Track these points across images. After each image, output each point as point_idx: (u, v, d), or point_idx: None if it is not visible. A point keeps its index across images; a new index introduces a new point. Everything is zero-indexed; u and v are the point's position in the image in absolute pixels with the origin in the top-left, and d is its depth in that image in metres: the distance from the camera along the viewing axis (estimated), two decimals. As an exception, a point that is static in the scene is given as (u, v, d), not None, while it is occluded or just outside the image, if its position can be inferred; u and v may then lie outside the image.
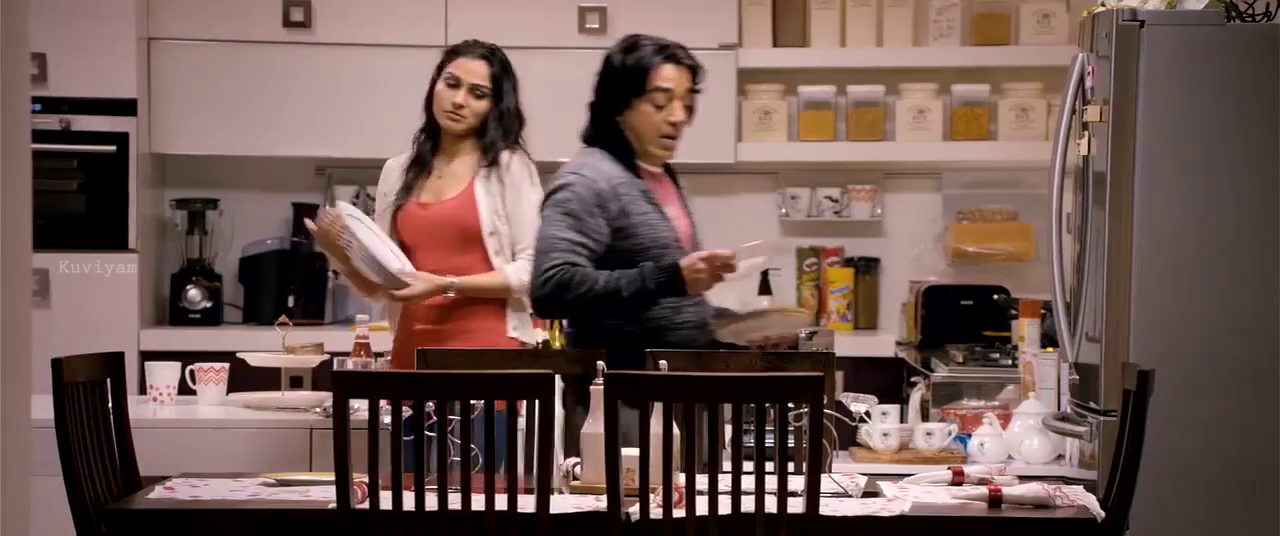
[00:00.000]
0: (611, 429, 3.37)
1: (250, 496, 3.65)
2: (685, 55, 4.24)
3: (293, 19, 6.46)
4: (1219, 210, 4.48)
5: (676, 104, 4.19)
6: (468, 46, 4.77)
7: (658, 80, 4.18)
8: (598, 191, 4.14)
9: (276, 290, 6.56)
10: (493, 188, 4.66)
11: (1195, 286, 4.48)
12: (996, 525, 3.49)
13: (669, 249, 4.13)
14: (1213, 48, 4.47)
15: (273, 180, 6.69)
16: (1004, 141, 6.48)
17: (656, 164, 4.27)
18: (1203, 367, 4.46)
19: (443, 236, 4.66)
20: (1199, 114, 4.47)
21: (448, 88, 4.72)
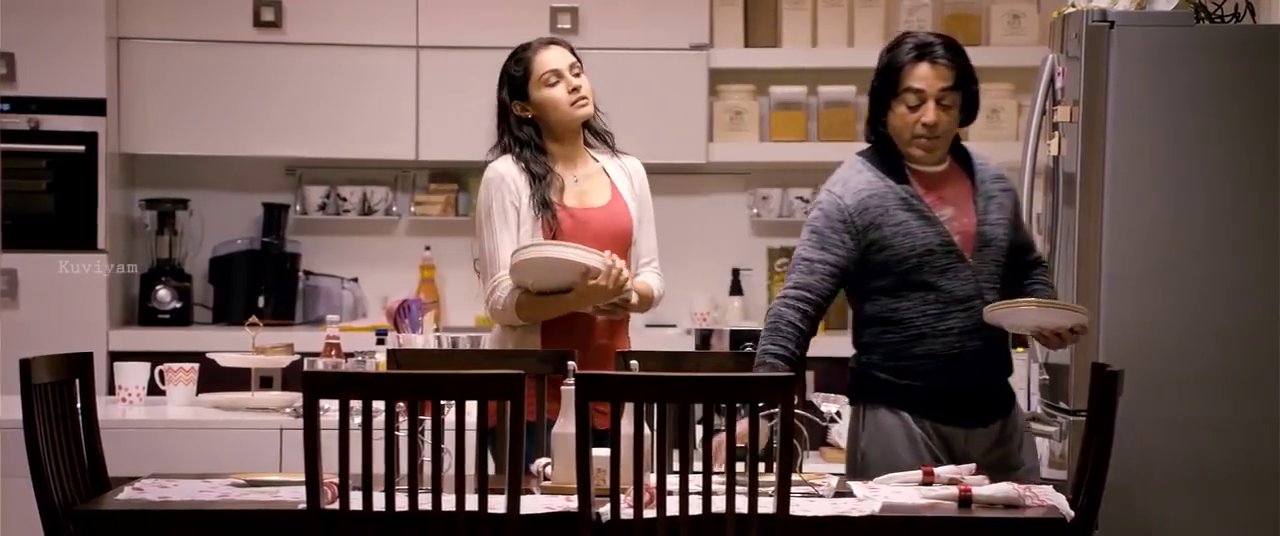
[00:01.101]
0: (582, 429, 3.36)
1: (220, 497, 3.64)
2: (945, 54, 3.96)
3: (263, 19, 6.45)
4: (1189, 210, 4.49)
5: (929, 105, 3.93)
6: (534, 45, 4.36)
7: (910, 80, 3.93)
8: (844, 208, 3.95)
9: (246, 290, 6.54)
10: (634, 193, 4.33)
11: (1165, 287, 4.49)
12: (966, 525, 3.50)
13: (933, 255, 3.91)
14: (1182, 49, 4.49)
15: (243, 180, 6.67)
16: (975, 141, 6.45)
17: (926, 165, 3.99)
18: (1172, 368, 4.47)
19: (604, 244, 4.18)
20: (1168, 114, 4.48)
21: (553, 86, 4.29)
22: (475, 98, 6.48)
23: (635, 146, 6.61)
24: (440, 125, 6.48)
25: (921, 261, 3.90)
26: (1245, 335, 4.47)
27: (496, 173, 4.27)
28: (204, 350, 5.20)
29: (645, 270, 4.33)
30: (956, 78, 3.96)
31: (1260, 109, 4.47)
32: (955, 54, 3.96)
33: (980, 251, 3.95)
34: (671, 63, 6.43)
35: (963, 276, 3.92)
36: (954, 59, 3.95)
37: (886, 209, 3.93)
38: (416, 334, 4.87)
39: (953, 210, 3.96)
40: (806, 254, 3.97)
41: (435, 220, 6.69)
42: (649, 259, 4.35)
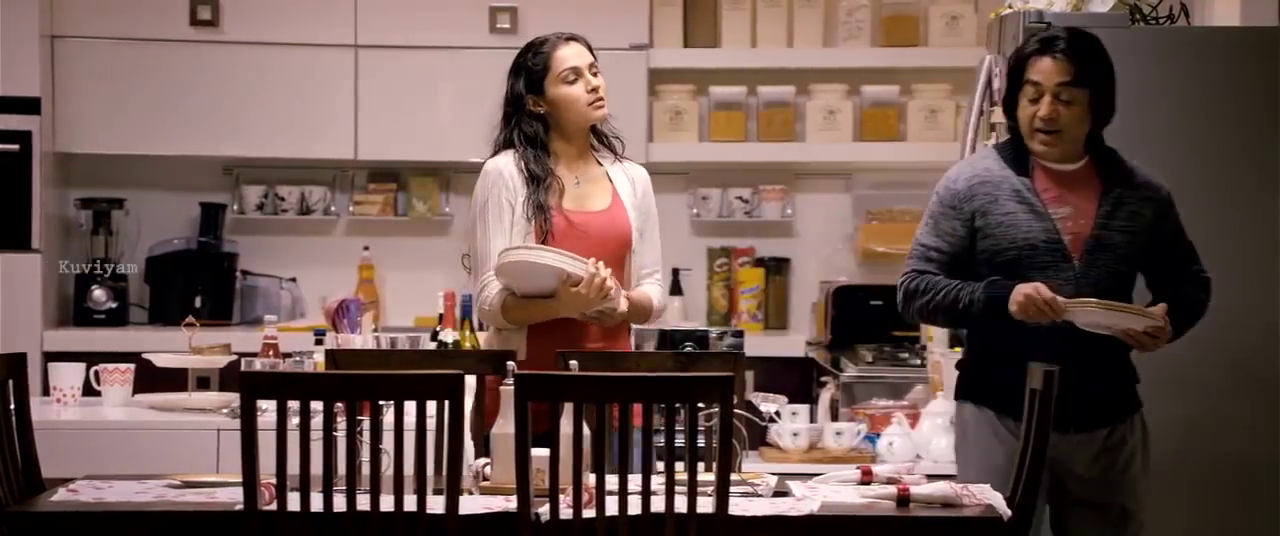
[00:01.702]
0: (521, 429, 3.36)
1: (155, 498, 3.61)
2: (1067, 49, 3.84)
3: (200, 17, 6.41)
4: (1124, 211, 4.52)
5: (1046, 99, 3.82)
6: (550, 40, 4.28)
7: (1030, 72, 3.84)
8: (954, 192, 3.92)
9: (183, 290, 6.50)
10: (635, 202, 4.23)
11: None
12: (904, 524, 3.51)
13: (1036, 251, 3.83)
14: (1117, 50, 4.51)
15: (179, 179, 6.63)
16: (913, 142, 6.53)
17: (1053, 161, 3.90)
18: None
19: (600, 251, 4.09)
20: (1104, 115, 4.51)
21: (571, 83, 4.20)
22: (415, 97, 6.51)
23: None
24: (379, 125, 6.46)
25: (1021, 255, 3.84)
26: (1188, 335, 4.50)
27: (495, 168, 4.19)
28: (140, 350, 5.17)
29: (647, 281, 4.23)
30: (1077, 74, 3.82)
31: (1196, 110, 4.51)
32: (1081, 50, 3.84)
33: (1091, 254, 3.85)
34: (611, 63, 6.34)
35: (1064, 276, 3.83)
36: (1077, 54, 3.82)
37: (996, 197, 3.87)
38: (355, 334, 4.85)
39: (1071, 210, 3.87)
40: (923, 239, 3.96)
41: (374, 220, 6.67)
42: (651, 270, 4.24)
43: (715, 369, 3.89)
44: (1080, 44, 3.84)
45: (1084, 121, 3.85)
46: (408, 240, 6.71)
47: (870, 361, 5.66)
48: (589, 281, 3.98)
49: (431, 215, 6.67)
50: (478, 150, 6.60)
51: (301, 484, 3.36)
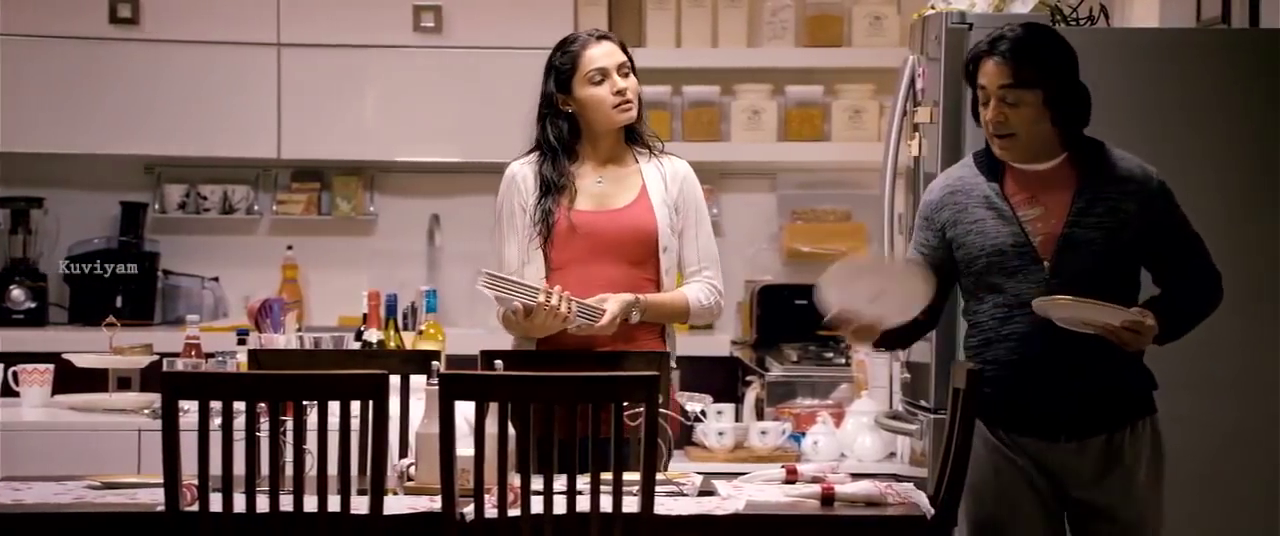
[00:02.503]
0: (446, 428, 3.35)
1: (75, 499, 3.58)
2: (1008, 49, 3.63)
3: (120, 15, 6.36)
4: (1046, 210, 4.55)
5: (992, 102, 3.64)
6: (579, 39, 4.21)
7: (979, 76, 3.68)
8: (928, 203, 3.78)
9: (104, 290, 6.44)
10: (668, 198, 4.16)
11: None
12: (829, 523, 3.52)
13: (1005, 256, 3.65)
14: (1039, 51, 4.55)
15: (100, 178, 6.58)
16: (837, 142, 6.55)
17: (1019, 163, 3.70)
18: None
19: (615, 249, 4.10)
20: (1026, 116, 4.54)
21: (598, 84, 4.13)
22: (338, 96, 6.48)
23: (496, 146, 6.60)
24: (302, 124, 6.43)
25: (990, 262, 3.68)
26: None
27: (511, 173, 4.18)
28: (60, 351, 5.12)
29: (693, 279, 4.18)
30: (1019, 75, 3.61)
31: (1115, 110, 4.54)
32: (1025, 50, 3.63)
33: (1062, 254, 3.65)
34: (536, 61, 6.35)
35: (1034, 279, 3.65)
36: (1020, 55, 3.62)
37: (965, 206, 3.73)
38: (278, 334, 4.83)
39: (1042, 210, 3.68)
40: (910, 253, 3.83)
41: (298, 219, 6.63)
42: (698, 268, 4.18)
43: (640, 368, 3.89)
44: (1026, 43, 3.64)
45: (1039, 122, 3.63)
46: (332, 239, 6.68)
47: (795, 361, 5.68)
48: (538, 309, 3.97)
49: (356, 214, 6.64)
50: (402, 149, 6.62)
51: (224, 485, 3.34)
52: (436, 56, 6.46)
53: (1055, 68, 3.65)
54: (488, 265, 4.13)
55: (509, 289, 3.99)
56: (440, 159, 6.57)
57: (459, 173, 6.63)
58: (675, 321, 4.17)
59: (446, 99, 6.46)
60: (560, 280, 4.07)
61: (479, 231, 6.52)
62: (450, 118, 6.46)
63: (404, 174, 6.69)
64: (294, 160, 6.56)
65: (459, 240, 6.61)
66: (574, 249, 4.09)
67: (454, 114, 6.46)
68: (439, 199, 6.68)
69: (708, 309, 4.17)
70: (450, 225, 6.64)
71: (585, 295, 4.03)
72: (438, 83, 6.46)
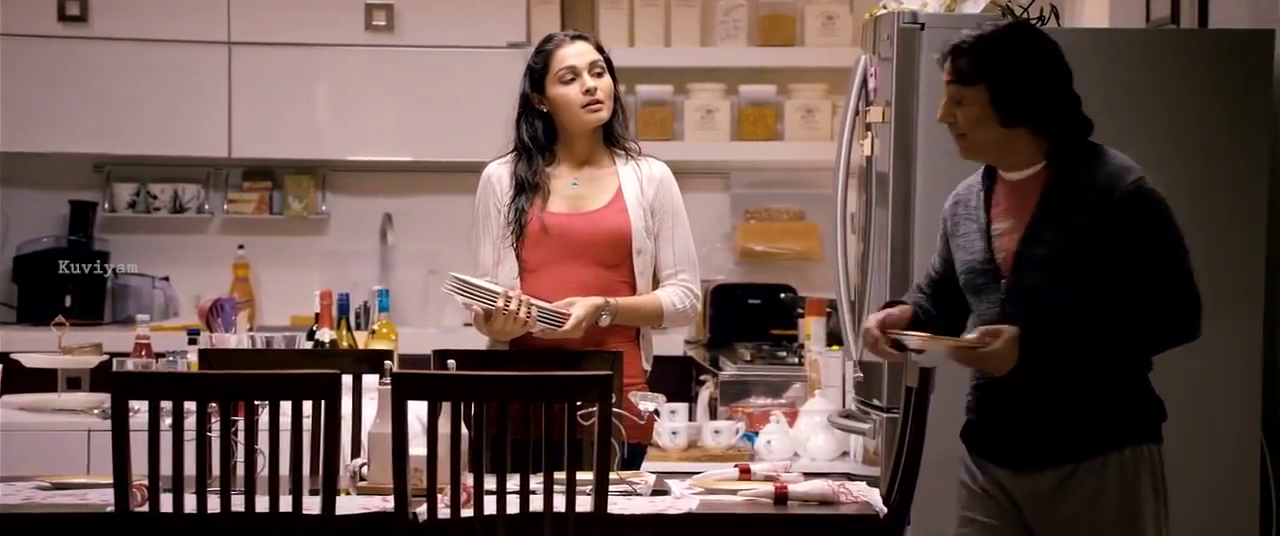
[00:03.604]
0: (399, 428, 3.34)
1: (24, 500, 3.55)
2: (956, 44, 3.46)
3: (69, 13, 6.32)
4: (997, 210, 4.57)
5: (943, 99, 3.46)
6: (555, 39, 4.16)
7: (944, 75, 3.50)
8: (942, 212, 3.61)
9: (53, 289, 6.40)
10: (644, 200, 4.13)
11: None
12: (782, 522, 3.53)
13: (975, 273, 3.48)
14: (990, 51, 4.56)
15: (49, 177, 6.53)
16: (790, 142, 6.57)
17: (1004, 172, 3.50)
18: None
19: (588, 252, 4.08)
20: (978, 116, 4.56)
21: (569, 84, 4.09)
22: (289, 95, 6.46)
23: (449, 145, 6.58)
24: (253, 122, 6.40)
25: (966, 278, 3.51)
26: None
27: (486, 175, 4.17)
28: (8, 351, 5.07)
29: (670, 282, 4.15)
30: (960, 72, 3.42)
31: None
32: (976, 47, 3.43)
33: (1017, 273, 3.40)
34: (488, 61, 6.41)
35: (992, 298, 3.44)
36: (970, 52, 3.43)
37: (960, 218, 3.55)
38: (230, 333, 4.80)
39: (1011, 223, 3.45)
40: (933, 262, 3.68)
41: (249, 218, 6.60)
42: (675, 270, 4.15)
43: (594, 367, 3.89)
44: (979, 39, 3.44)
45: (983, 120, 3.41)
46: (283, 239, 6.65)
47: (749, 360, 5.69)
48: (496, 313, 3.97)
49: (307, 214, 6.61)
50: (354, 148, 6.60)
51: (175, 485, 3.32)
52: (388, 55, 6.45)
53: (1002, 65, 3.40)
54: (459, 266, 4.13)
55: (471, 293, 3.99)
56: (392, 158, 6.56)
57: (411, 171, 6.61)
58: (648, 324, 4.14)
59: (399, 98, 6.44)
60: (534, 282, 4.07)
61: (431, 231, 6.52)
62: (402, 117, 6.45)
63: (356, 173, 6.67)
64: (245, 159, 6.53)
65: (411, 239, 6.60)
66: (547, 250, 4.08)
67: (406, 113, 6.44)
68: (391, 198, 6.67)
69: (682, 312, 4.16)
70: (402, 224, 6.62)
71: (559, 297, 4.03)
72: (390, 82, 6.45)
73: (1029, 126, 3.42)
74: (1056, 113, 3.43)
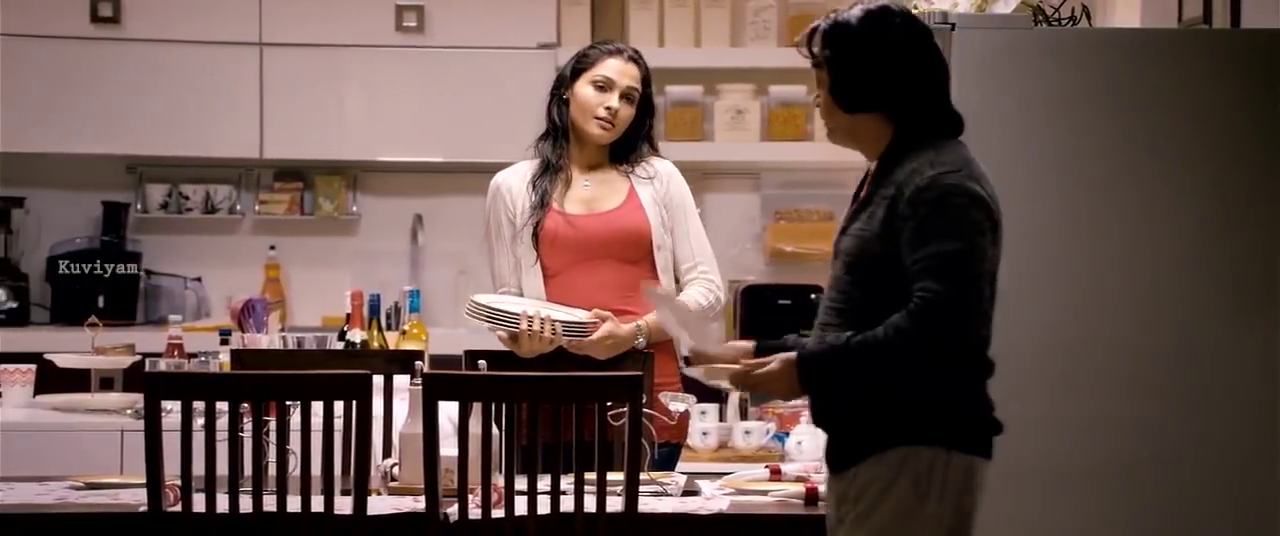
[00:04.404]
0: (430, 428, 3.35)
1: (57, 500, 3.57)
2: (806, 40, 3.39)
3: (101, 14, 6.34)
4: (1027, 210, 4.55)
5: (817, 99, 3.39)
6: (613, 47, 4.21)
7: None
8: None
9: (86, 290, 6.43)
10: (657, 196, 4.17)
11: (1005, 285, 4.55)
12: (813, 522, 3.52)
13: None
14: (1021, 51, 4.55)
15: (82, 178, 6.56)
16: (821, 142, 6.54)
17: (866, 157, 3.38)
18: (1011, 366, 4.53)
19: (609, 251, 4.12)
20: (1008, 116, 4.55)
21: (597, 91, 4.13)
22: (320, 96, 6.47)
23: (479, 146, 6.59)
24: (285, 123, 6.42)
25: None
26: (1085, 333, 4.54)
27: (495, 185, 4.21)
28: (41, 351, 5.10)
29: (691, 281, 4.17)
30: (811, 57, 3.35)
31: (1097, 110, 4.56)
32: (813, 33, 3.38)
33: (833, 267, 3.33)
34: (519, 61, 6.41)
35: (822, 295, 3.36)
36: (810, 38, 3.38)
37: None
38: (261, 334, 4.82)
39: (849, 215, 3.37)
40: None
41: (280, 219, 6.62)
42: (694, 263, 4.18)
43: (625, 368, 3.89)
44: (830, 25, 3.32)
45: (832, 107, 3.29)
46: (314, 239, 6.67)
47: (778, 360, 5.67)
48: (521, 335, 3.98)
49: (338, 214, 6.63)
50: (385, 149, 6.61)
51: (207, 485, 3.34)
52: (419, 56, 6.46)
53: (841, 51, 3.28)
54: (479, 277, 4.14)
55: (493, 318, 4.00)
56: (423, 159, 6.57)
57: (442, 172, 6.62)
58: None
59: (429, 99, 6.45)
60: (557, 286, 4.09)
61: (462, 231, 6.53)
62: (433, 118, 6.46)
63: (387, 174, 6.69)
64: (276, 160, 6.55)
65: (442, 240, 6.61)
66: (568, 253, 4.10)
67: (437, 114, 6.45)
68: (422, 199, 6.68)
69: (708, 309, 4.18)
70: (433, 225, 6.63)
71: (584, 299, 4.04)
72: (420, 83, 6.46)
73: (877, 113, 3.25)
74: (904, 102, 3.26)
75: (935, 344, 3.11)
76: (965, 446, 3.19)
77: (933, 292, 3.08)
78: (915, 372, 3.14)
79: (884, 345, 3.10)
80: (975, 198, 3.16)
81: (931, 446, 3.14)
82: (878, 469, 3.14)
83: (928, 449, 3.14)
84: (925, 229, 3.11)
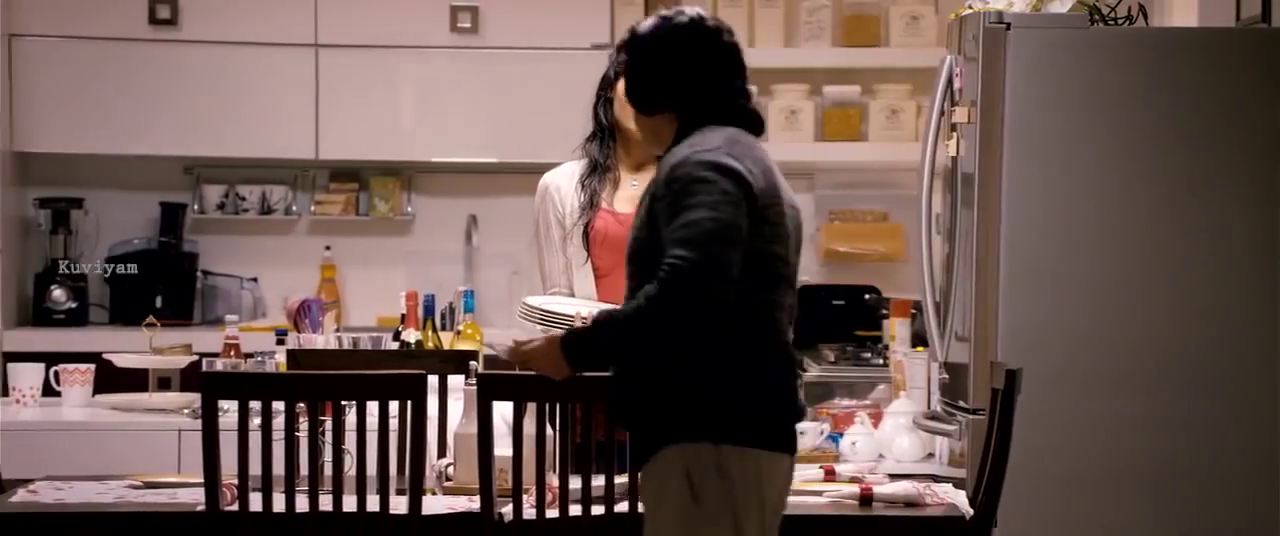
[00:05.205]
0: (485, 428, 3.35)
1: (116, 499, 3.60)
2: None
3: (159, 16, 6.38)
4: (1084, 210, 4.55)
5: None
6: None
7: None
8: None
9: (144, 290, 6.47)
10: None
11: (1061, 286, 4.54)
12: (867, 523, 3.52)
13: None
14: (1077, 50, 4.54)
15: (139, 179, 6.60)
16: (875, 142, 6.54)
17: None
18: (1068, 366, 4.52)
19: None
20: (1064, 115, 4.53)
21: None
22: (375, 97, 6.49)
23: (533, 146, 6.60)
24: (340, 124, 6.44)
25: None
26: (1140, 333, 4.53)
27: (543, 186, 4.23)
28: (100, 351, 5.14)
29: None
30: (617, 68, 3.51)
31: (1153, 110, 4.54)
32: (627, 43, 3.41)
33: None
34: (573, 62, 6.42)
35: None
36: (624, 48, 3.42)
37: None
38: (317, 334, 4.84)
39: None
40: None
41: (335, 219, 6.65)
42: None
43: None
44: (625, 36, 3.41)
45: (631, 109, 3.39)
46: (369, 240, 6.70)
47: (833, 361, 5.67)
48: None
49: (393, 215, 6.65)
50: (439, 150, 6.63)
51: (263, 484, 3.35)
52: (473, 57, 6.48)
53: (630, 58, 3.36)
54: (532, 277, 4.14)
55: (546, 319, 4.01)
56: (478, 159, 6.59)
57: (496, 173, 6.64)
58: None
59: (483, 100, 6.47)
60: (608, 285, 4.10)
61: (516, 232, 6.54)
62: (487, 118, 6.48)
63: (441, 174, 6.70)
64: (332, 161, 6.58)
65: (496, 240, 6.62)
66: (619, 252, 4.07)
67: (491, 114, 6.47)
68: (476, 199, 6.69)
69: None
70: (487, 225, 6.65)
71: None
72: (475, 83, 6.47)
73: (669, 113, 3.31)
74: (690, 102, 3.29)
75: (685, 309, 3.07)
76: (740, 439, 3.13)
77: (680, 258, 3.07)
78: (688, 369, 3.13)
79: (637, 314, 3.09)
80: (727, 170, 3.15)
81: (700, 442, 3.12)
82: (656, 467, 3.14)
83: (697, 445, 3.11)
84: (678, 204, 3.12)
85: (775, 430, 3.18)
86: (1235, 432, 4.50)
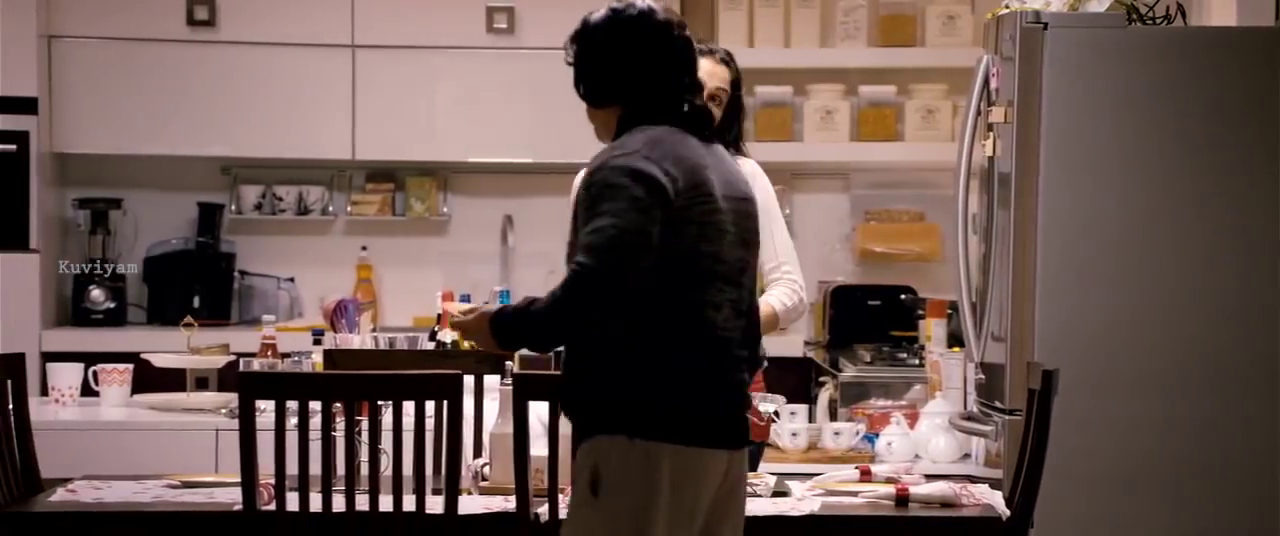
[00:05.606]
0: (520, 428, 3.36)
1: (154, 499, 3.61)
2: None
3: (197, 17, 6.41)
4: (1121, 210, 4.53)
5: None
6: (704, 48, 4.07)
7: None
8: None
9: (181, 290, 6.50)
10: None
11: (1098, 286, 4.52)
12: (904, 523, 3.51)
13: None
14: (1114, 50, 4.52)
15: (177, 180, 6.63)
16: (911, 142, 6.53)
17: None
18: (1105, 367, 4.51)
19: None
20: (1101, 115, 4.52)
21: None
22: (411, 97, 6.51)
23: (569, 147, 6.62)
24: (376, 125, 6.46)
25: None
26: (1178, 334, 4.51)
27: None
28: (138, 350, 5.17)
29: (774, 282, 4.15)
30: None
31: (1191, 110, 4.52)
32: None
33: None
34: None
35: None
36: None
37: None
38: (353, 334, 4.85)
39: None
40: None
41: (372, 220, 6.67)
42: (775, 263, 4.16)
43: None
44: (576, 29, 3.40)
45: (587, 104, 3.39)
46: (406, 240, 6.71)
47: (868, 361, 5.66)
48: None
49: (429, 215, 6.67)
50: (475, 150, 6.64)
51: (300, 484, 3.37)
52: (509, 58, 6.49)
53: (578, 48, 3.37)
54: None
55: None
56: (513, 160, 6.60)
57: (532, 173, 6.65)
58: (768, 332, 4.07)
59: (519, 100, 6.47)
60: None
61: (552, 232, 6.55)
62: (523, 119, 6.48)
63: (477, 175, 6.72)
64: (368, 161, 6.59)
65: (532, 240, 6.63)
66: None
67: (527, 115, 6.47)
68: (512, 199, 6.70)
69: (792, 309, 4.17)
70: (523, 226, 6.66)
71: None
72: (510, 84, 6.48)
73: (615, 107, 3.31)
74: (633, 96, 3.28)
75: (584, 314, 3.13)
76: (657, 434, 3.12)
77: (580, 266, 3.13)
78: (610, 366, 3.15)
79: (545, 312, 3.16)
80: (639, 174, 3.14)
81: (615, 436, 3.12)
82: (577, 460, 3.15)
83: (613, 438, 3.12)
84: (592, 209, 3.15)
85: (699, 426, 3.16)
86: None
